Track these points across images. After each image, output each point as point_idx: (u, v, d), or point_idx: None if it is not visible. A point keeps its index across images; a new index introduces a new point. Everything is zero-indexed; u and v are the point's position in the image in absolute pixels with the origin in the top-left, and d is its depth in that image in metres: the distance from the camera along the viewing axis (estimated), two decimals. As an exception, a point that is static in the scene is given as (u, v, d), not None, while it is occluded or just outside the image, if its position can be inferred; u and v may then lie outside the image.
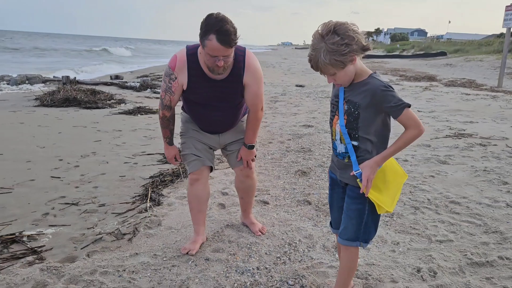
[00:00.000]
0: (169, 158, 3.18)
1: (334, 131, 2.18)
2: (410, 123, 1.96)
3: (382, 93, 1.95)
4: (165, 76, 2.85)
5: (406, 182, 4.57)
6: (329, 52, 1.86)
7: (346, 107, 2.06)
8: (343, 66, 1.92)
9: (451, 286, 2.62)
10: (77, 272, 2.82)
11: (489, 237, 3.30)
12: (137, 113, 9.42)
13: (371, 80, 1.99)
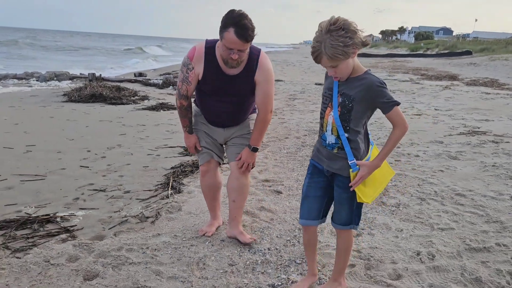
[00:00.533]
0: (190, 146, 3.29)
1: (325, 123, 2.31)
2: (398, 120, 2.15)
3: (377, 88, 2.14)
4: (183, 66, 3.00)
5: (415, 176, 4.76)
6: (333, 44, 2.01)
7: (340, 99, 2.21)
8: (346, 57, 2.06)
9: (447, 268, 2.82)
10: (105, 248, 3.13)
11: (489, 226, 3.47)
12: (159, 109, 9.78)
13: (368, 76, 2.18)
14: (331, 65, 2.12)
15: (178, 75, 3.07)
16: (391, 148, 2.23)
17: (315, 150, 2.46)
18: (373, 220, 3.64)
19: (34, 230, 3.46)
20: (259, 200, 4.12)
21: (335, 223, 2.45)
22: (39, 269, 2.85)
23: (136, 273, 2.81)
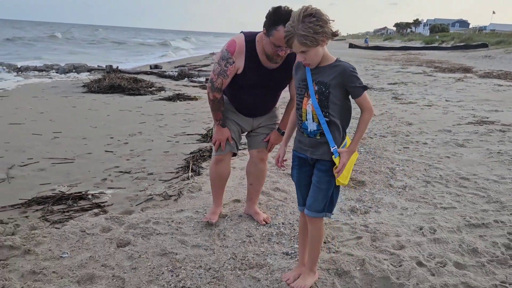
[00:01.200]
0: (222, 140, 3.26)
1: (304, 112, 2.39)
2: (365, 104, 2.29)
3: (350, 73, 2.26)
4: (222, 60, 2.97)
5: (422, 161, 5.00)
6: (305, 30, 2.13)
7: (316, 87, 2.31)
8: (315, 45, 2.19)
9: (446, 240, 3.07)
10: (134, 221, 3.45)
11: (489, 206, 3.71)
12: (176, 100, 10.10)
13: (340, 63, 2.30)
14: (301, 50, 2.23)
15: (213, 68, 3.04)
16: (363, 131, 2.36)
17: (297, 142, 2.55)
18: (380, 200, 3.90)
19: (69, 206, 3.80)
20: (274, 182, 4.40)
21: (310, 211, 2.50)
22: (76, 238, 3.19)
23: (163, 242, 3.13)
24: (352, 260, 2.83)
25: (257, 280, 2.65)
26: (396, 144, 5.83)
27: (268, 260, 2.90)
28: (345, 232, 3.27)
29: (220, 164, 3.38)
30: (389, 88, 12.14)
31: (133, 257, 2.92)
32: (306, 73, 2.36)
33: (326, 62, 2.31)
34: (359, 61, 24.34)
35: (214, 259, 2.90)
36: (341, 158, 2.34)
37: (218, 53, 3.03)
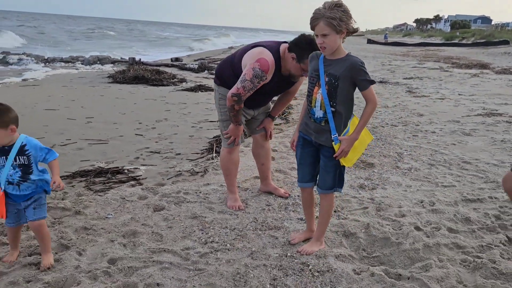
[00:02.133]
0: (237, 136, 3.57)
1: (314, 100, 2.67)
2: (371, 97, 2.56)
3: (359, 67, 2.52)
4: (255, 78, 3.19)
5: (429, 147, 5.37)
6: (334, 14, 2.42)
7: (327, 79, 2.58)
8: (337, 30, 2.45)
9: (443, 211, 3.47)
10: (167, 192, 3.92)
11: (486, 185, 4.08)
12: (198, 90, 10.58)
13: (350, 57, 2.56)
14: (323, 33, 2.48)
15: (243, 85, 3.23)
16: (366, 121, 2.65)
17: (303, 124, 2.84)
18: (387, 179, 4.29)
19: (108, 178, 4.30)
20: (290, 162, 4.83)
21: (321, 189, 2.83)
22: (118, 203, 3.67)
23: (193, 208, 3.59)
24: (358, 224, 3.24)
25: (275, 238, 3.09)
26: (406, 132, 6.19)
27: (285, 223, 3.34)
28: (353, 204, 3.68)
29: (233, 153, 3.70)
30: (404, 83, 12.41)
31: (168, 219, 3.39)
32: (319, 65, 2.64)
33: (338, 56, 2.58)
34: (377, 57, 24.51)
35: (238, 222, 3.35)
36: (342, 145, 2.62)
37: (249, 71, 3.20)
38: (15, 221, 2.71)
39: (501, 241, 3.02)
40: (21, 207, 2.67)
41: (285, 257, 2.83)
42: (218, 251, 2.92)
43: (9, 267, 2.67)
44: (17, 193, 2.61)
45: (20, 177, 2.57)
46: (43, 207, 2.71)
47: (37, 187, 2.65)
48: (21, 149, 2.56)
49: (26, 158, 2.58)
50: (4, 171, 2.54)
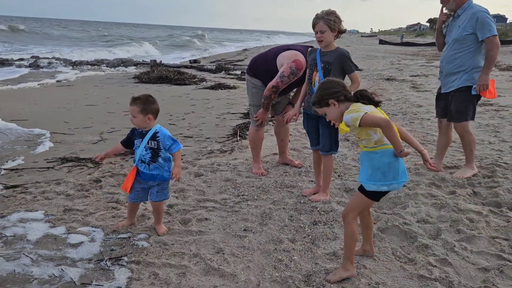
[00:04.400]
0: (265, 120, 4.47)
1: (313, 81, 3.66)
2: (355, 78, 3.58)
3: (346, 56, 3.58)
4: (291, 74, 4.09)
5: (422, 131, 6.23)
6: (329, 16, 3.52)
7: (322, 65, 3.59)
8: (332, 28, 3.51)
9: (425, 174, 4.34)
10: (203, 164, 4.87)
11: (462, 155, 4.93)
12: (218, 88, 11.56)
13: (340, 49, 3.62)
14: (321, 30, 3.52)
15: (282, 80, 4.13)
16: None
17: (306, 102, 3.82)
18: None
19: (154, 155, 5.26)
20: (302, 143, 5.75)
21: (322, 151, 3.81)
22: (165, 171, 4.62)
23: (226, 174, 4.53)
24: (356, 183, 4.13)
25: (291, 193, 4.02)
26: (404, 120, 7.06)
27: (299, 184, 4.26)
28: (353, 170, 4.59)
29: (260, 131, 4.63)
30: (410, 80, 13.21)
31: (207, 182, 4.33)
32: (317, 55, 3.68)
33: (331, 48, 3.64)
34: (386, 56, 25.25)
35: (262, 183, 4.28)
36: None
37: (287, 69, 4.11)
38: (136, 198, 3.23)
39: (467, 193, 3.89)
40: (147, 186, 3.18)
41: (299, 203, 3.76)
42: (248, 200, 3.85)
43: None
44: (146, 172, 3.12)
45: (150, 158, 3.08)
46: (165, 191, 3.22)
47: (163, 171, 3.13)
48: (154, 135, 3.07)
49: (156, 143, 3.07)
50: (138, 150, 3.09)
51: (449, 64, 4.29)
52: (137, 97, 3.07)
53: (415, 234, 3.10)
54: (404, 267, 2.75)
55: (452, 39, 4.28)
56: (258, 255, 2.92)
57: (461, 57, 4.20)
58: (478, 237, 3.06)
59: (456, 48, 4.23)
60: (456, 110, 4.28)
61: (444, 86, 4.42)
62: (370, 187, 2.49)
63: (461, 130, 4.33)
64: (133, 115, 3.06)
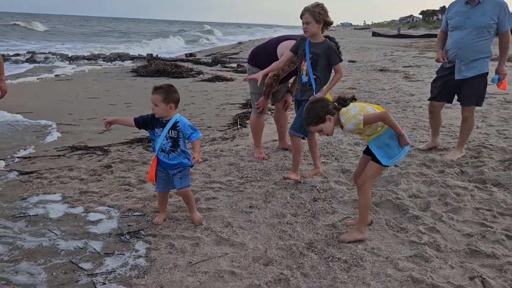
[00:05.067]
0: (265, 107, 4.76)
1: (302, 69, 3.93)
2: (339, 69, 3.82)
3: (332, 49, 3.83)
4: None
5: (414, 117, 6.51)
6: (315, 9, 3.74)
7: (311, 55, 3.83)
8: (316, 19, 3.72)
9: (416, 156, 4.64)
10: (206, 150, 5.13)
11: (454, 140, 5.22)
12: (215, 81, 11.79)
13: (327, 42, 3.87)
14: (307, 21, 3.75)
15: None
16: (333, 84, 3.83)
17: (296, 90, 4.17)
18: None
19: (159, 143, 5.51)
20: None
21: (291, 129, 4.04)
22: (172, 157, 4.88)
23: (229, 158, 4.80)
24: (352, 165, 4.43)
25: (292, 174, 4.29)
26: (397, 107, 7.36)
27: (299, 166, 4.53)
28: (349, 154, 4.88)
29: (260, 118, 4.90)
30: (403, 70, 13.51)
31: (212, 166, 4.59)
32: (306, 46, 3.91)
33: (318, 40, 3.86)
34: (380, 48, 25.53)
35: (264, 166, 4.55)
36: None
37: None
38: (163, 187, 3.28)
39: (455, 172, 4.19)
40: (169, 174, 3.23)
41: (299, 183, 4.04)
42: (251, 181, 4.12)
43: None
44: (166, 161, 3.16)
45: (170, 147, 3.13)
46: (187, 177, 3.26)
47: (182, 159, 3.18)
48: (174, 124, 3.11)
49: (176, 132, 3.11)
50: (159, 139, 3.12)
51: (469, 50, 4.37)
52: (159, 86, 3.10)
53: (406, 207, 3.39)
54: (396, 235, 3.04)
55: (475, 26, 4.34)
56: (264, 228, 3.20)
57: (482, 44, 4.36)
58: (464, 209, 3.36)
59: (478, 34, 4.33)
60: (473, 95, 4.49)
61: (462, 72, 4.48)
62: (394, 163, 2.88)
63: (468, 113, 4.59)
64: (155, 104, 3.07)
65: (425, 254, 2.74)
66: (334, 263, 2.70)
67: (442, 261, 2.69)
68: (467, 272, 2.56)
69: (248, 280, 2.53)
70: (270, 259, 2.76)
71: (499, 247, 2.82)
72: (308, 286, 2.49)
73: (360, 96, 8.65)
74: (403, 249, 2.86)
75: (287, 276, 2.55)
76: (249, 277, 2.57)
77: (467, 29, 4.41)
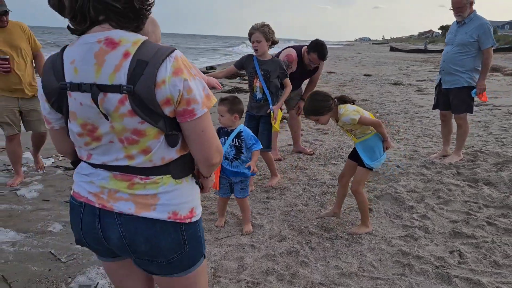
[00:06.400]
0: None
1: (255, 87, 4.16)
2: (287, 83, 4.20)
3: (281, 65, 4.22)
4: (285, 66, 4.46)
5: (421, 126, 6.98)
6: (264, 28, 4.02)
7: (262, 72, 4.09)
8: (267, 38, 4.00)
9: (418, 159, 5.11)
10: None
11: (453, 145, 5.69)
12: (235, 92, 12.42)
13: (275, 59, 4.28)
14: (258, 40, 4.01)
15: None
16: (284, 98, 4.29)
17: (249, 106, 4.32)
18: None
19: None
20: (314, 136, 6.55)
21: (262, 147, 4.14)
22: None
23: (248, 159, 5.34)
24: (359, 166, 4.92)
25: (304, 173, 4.82)
26: (406, 118, 7.83)
27: (311, 167, 5.06)
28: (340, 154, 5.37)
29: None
30: (416, 84, 13.95)
31: (233, 165, 5.14)
32: (255, 64, 4.16)
33: (267, 58, 4.18)
34: (396, 63, 25.95)
35: (279, 166, 5.09)
36: (274, 112, 4.20)
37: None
38: (225, 192, 3.46)
39: (452, 173, 4.65)
40: (231, 181, 3.40)
41: (311, 180, 4.56)
42: (268, 177, 4.66)
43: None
44: (229, 168, 3.33)
45: (234, 155, 3.30)
46: (247, 188, 3.44)
47: (244, 169, 3.32)
48: (238, 133, 3.30)
49: (240, 141, 3.29)
50: (224, 148, 3.23)
51: (452, 64, 4.89)
52: (225, 98, 3.32)
53: (403, 199, 3.89)
54: (393, 221, 3.55)
55: (458, 42, 4.87)
56: (279, 214, 3.73)
57: (464, 59, 4.83)
58: (454, 201, 3.84)
59: (460, 50, 4.84)
60: (458, 104, 4.95)
61: (447, 83, 4.99)
62: (376, 165, 3.24)
63: (461, 121, 5.04)
64: (220, 114, 3.26)
65: (414, 234, 3.24)
66: (337, 240, 3.22)
67: (428, 240, 3.19)
68: (448, 248, 3.05)
69: (265, 251, 3.06)
70: (283, 236, 3.29)
71: (479, 231, 3.29)
72: (315, 257, 3.01)
73: (371, 107, 9.14)
74: (396, 231, 3.36)
75: (297, 249, 3.07)
76: (266, 249, 3.10)
77: (452, 45, 4.96)
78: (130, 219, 1.38)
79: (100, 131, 1.34)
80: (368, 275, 2.76)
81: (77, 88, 1.30)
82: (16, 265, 2.93)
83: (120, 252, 1.46)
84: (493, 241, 3.10)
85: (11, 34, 4.19)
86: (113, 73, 1.26)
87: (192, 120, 1.33)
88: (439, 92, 5.24)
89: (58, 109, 1.39)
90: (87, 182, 1.44)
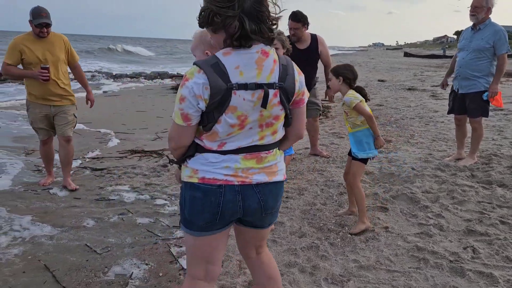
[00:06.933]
0: None
1: None
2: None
3: None
4: None
5: (436, 130, 7.09)
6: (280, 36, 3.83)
7: None
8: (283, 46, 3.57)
9: (432, 161, 5.24)
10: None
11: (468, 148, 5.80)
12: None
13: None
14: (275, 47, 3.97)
15: None
16: None
17: None
18: (400, 147, 6.07)
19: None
20: (330, 140, 6.72)
21: None
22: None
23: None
24: (374, 168, 5.08)
25: (322, 175, 4.99)
26: (420, 122, 7.95)
27: (328, 169, 5.23)
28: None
29: None
30: (431, 89, 14.00)
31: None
32: None
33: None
34: (410, 68, 25.93)
35: (297, 168, 5.26)
36: None
37: None
38: None
39: (466, 175, 4.78)
40: None
41: (328, 181, 4.73)
42: (287, 179, 4.80)
43: None
44: None
45: None
46: None
47: None
48: None
49: None
50: None
51: (469, 69, 5.03)
52: None
53: (418, 199, 4.04)
54: (408, 219, 3.70)
55: (473, 48, 5.02)
56: (298, 213, 3.91)
57: (479, 64, 4.98)
58: (468, 201, 3.98)
59: (477, 56, 4.99)
60: (475, 108, 5.09)
61: (464, 88, 5.14)
62: (362, 155, 3.48)
63: (476, 124, 5.18)
64: None
65: (429, 232, 3.39)
66: (355, 236, 3.39)
67: (443, 237, 3.33)
68: (462, 244, 3.20)
69: (287, 246, 3.25)
70: (303, 233, 3.47)
71: (493, 229, 3.43)
72: (334, 251, 3.18)
73: (386, 112, 9.27)
74: (412, 228, 3.52)
75: (317, 244, 3.24)
76: (287, 244, 3.28)
77: (467, 51, 5.10)
78: (265, 185, 1.86)
79: (249, 119, 1.76)
80: (385, 268, 2.92)
81: (243, 87, 1.71)
82: (55, 256, 3.16)
83: (245, 216, 1.89)
84: (505, 238, 3.24)
85: (52, 45, 4.38)
86: (269, 74, 1.75)
87: (303, 106, 1.92)
88: (454, 97, 5.37)
89: (217, 106, 1.71)
90: (221, 167, 1.80)
